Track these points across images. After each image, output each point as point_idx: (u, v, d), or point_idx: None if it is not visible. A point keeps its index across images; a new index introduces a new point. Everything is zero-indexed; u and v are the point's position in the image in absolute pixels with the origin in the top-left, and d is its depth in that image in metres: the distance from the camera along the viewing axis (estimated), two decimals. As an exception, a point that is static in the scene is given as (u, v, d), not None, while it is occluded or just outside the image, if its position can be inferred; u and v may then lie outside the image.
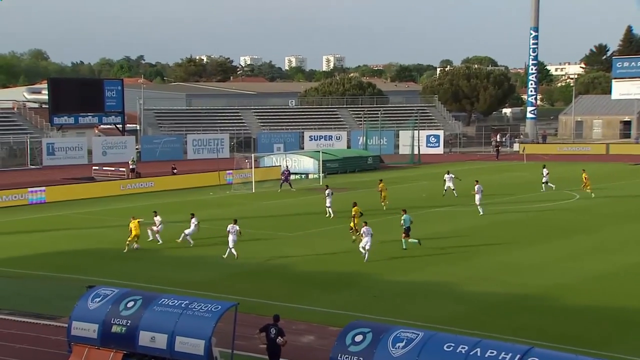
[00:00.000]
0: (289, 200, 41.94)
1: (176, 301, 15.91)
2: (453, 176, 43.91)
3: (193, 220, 29.97)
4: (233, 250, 27.31)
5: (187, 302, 15.83)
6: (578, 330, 19.10)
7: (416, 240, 28.32)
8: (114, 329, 15.78)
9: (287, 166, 49.52)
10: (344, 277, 24.65)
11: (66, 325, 16.84)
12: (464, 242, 30.26)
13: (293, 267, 26.17)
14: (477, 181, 38.64)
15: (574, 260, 26.87)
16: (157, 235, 30.44)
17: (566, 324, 19.62)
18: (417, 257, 27.49)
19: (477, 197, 37.31)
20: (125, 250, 28.67)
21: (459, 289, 22.99)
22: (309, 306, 21.32)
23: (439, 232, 32.25)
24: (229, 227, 27.51)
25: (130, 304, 16.00)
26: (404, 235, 28.50)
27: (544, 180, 45.78)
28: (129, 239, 28.88)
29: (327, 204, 36.34)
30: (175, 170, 53.47)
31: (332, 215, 35.69)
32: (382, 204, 38.52)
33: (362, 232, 27.01)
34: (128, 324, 15.70)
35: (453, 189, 42.98)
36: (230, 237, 27.25)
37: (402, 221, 28.75)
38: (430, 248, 28.95)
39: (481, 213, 36.67)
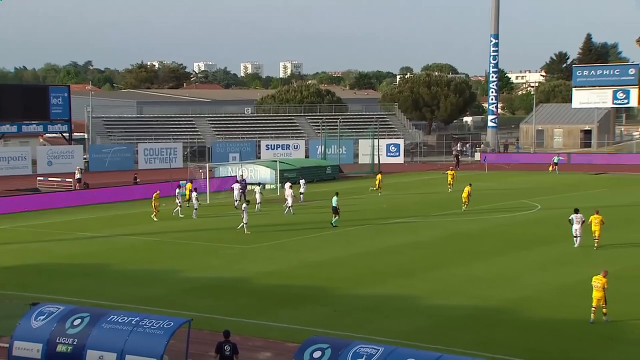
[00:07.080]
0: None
1: (126, 318, 15.66)
2: (259, 189, 43.57)
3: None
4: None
5: (137, 318, 15.59)
6: (542, 344, 19.29)
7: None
8: (60, 348, 15.45)
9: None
10: (302, 291, 24.58)
11: (7, 345, 16.43)
12: (425, 254, 30.46)
13: (250, 281, 26.00)
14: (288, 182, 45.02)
15: (536, 272, 27.18)
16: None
17: (530, 337, 19.79)
18: (379, 270, 27.57)
19: (290, 189, 42.34)
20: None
21: (421, 302, 23.09)
22: (267, 322, 21.18)
23: (400, 244, 32.41)
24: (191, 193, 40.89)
25: (76, 322, 15.70)
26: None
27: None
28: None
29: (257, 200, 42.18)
30: (137, 180, 53.91)
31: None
32: (464, 204, 42.04)
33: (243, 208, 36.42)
34: (74, 343, 15.40)
35: (258, 202, 42.13)
36: (193, 195, 40.38)
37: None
38: (392, 261, 29.09)
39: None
